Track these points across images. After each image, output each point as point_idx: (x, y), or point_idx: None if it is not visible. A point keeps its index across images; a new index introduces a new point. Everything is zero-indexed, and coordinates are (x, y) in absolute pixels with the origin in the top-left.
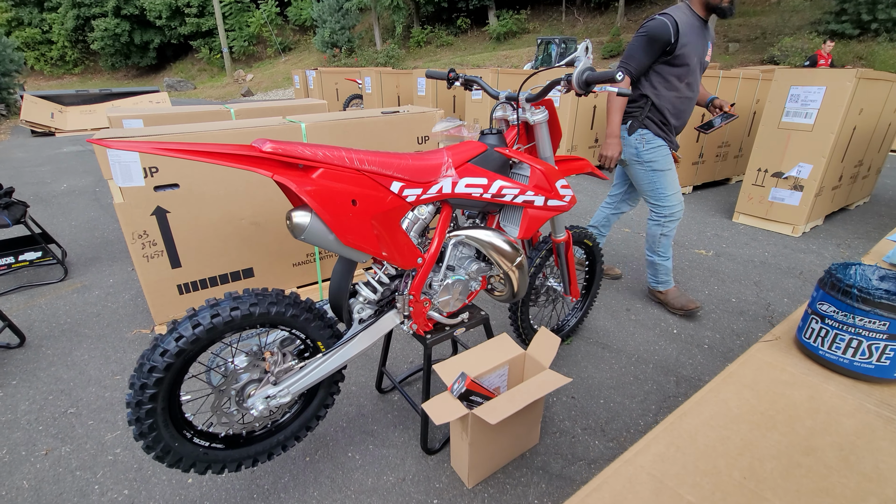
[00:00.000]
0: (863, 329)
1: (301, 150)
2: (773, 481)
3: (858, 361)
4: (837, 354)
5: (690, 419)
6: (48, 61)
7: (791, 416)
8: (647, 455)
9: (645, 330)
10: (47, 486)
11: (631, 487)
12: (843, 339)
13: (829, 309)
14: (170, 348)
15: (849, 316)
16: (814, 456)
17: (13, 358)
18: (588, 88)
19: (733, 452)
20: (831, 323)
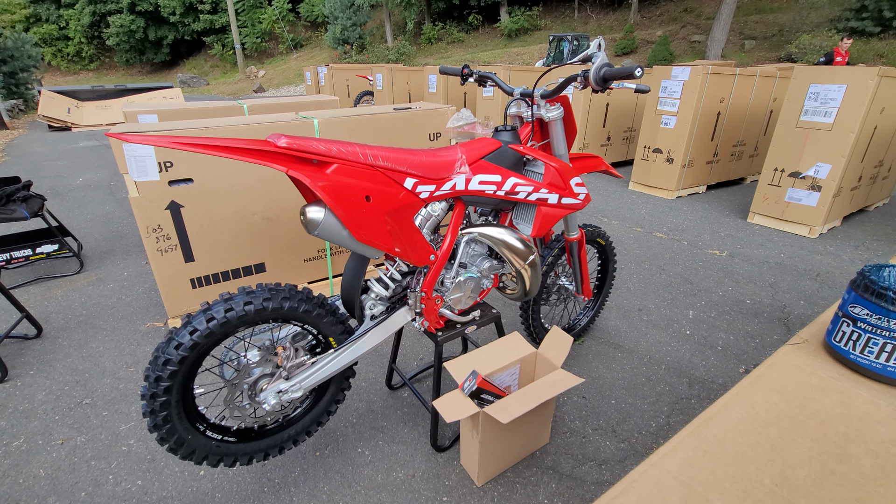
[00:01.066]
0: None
1: (315, 145)
2: (805, 489)
3: (893, 366)
4: (870, 359)
5: (718, 423)
6: (65, 57)
7: (822, 421)
8: (673, 459)
9: (657, 331)
10: (63, 475)
11: (658, 492)
12: (876, 343)
13: (862, 312)
14: (184, 342)
15: (883, 319)
16: (848, 463)
17: (31, 348)
18: (606, 85)
19: (763, 458)
20: (864, 326)
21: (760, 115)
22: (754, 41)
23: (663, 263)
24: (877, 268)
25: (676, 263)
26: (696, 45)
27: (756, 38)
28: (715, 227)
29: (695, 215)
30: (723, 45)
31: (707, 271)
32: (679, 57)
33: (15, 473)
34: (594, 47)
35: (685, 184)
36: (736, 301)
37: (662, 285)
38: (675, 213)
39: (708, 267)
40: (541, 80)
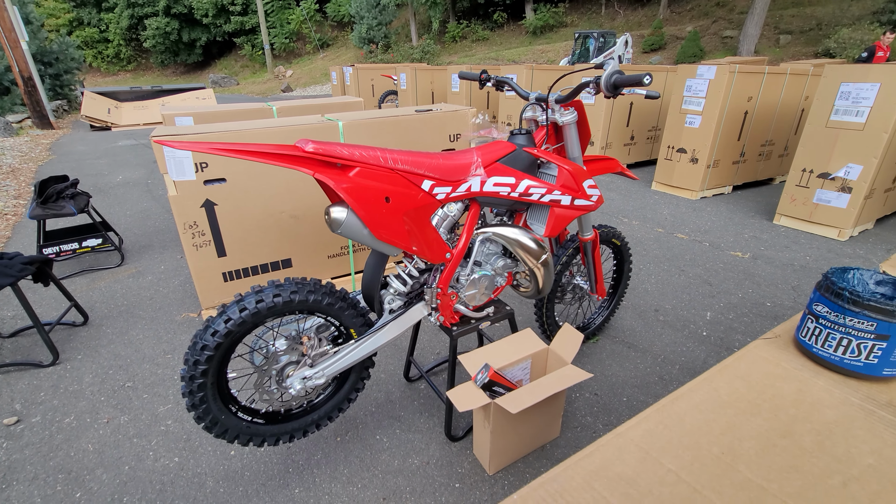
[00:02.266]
0: (852, 329)
1: (340, 150)
2: (748, 458)
3: (848, 359)
4: (829, 352)
5: (681, 403)
6: (105, 59)
7: (777, 405)
8: (637, 430)
9: (673, 331)
10: (109, 451)
11: (619, 455)
12: (834, 338)
13: (823, 309)
14: (219, 329)
15: (840, 316)
16: (791, 439)
17: (78, 335)
18: (616, 91)
19: (716, 432)
20: (824, 322)
21: (791, 114)
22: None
23: (683, 264)
24: (842, 270)
25: (696, 265)
26: (727, 40)
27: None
28: (739, 229)
29: (718, 216)
30: (756, 41)
31: (728, 273)
32: (709, 53)
33: (67, 447)
34: (621, 44)
35: (710, 184)
36: (756, 303)
37: (681, 286)
38: (699, 214)
39: (729, 269)
40: (557, 84)
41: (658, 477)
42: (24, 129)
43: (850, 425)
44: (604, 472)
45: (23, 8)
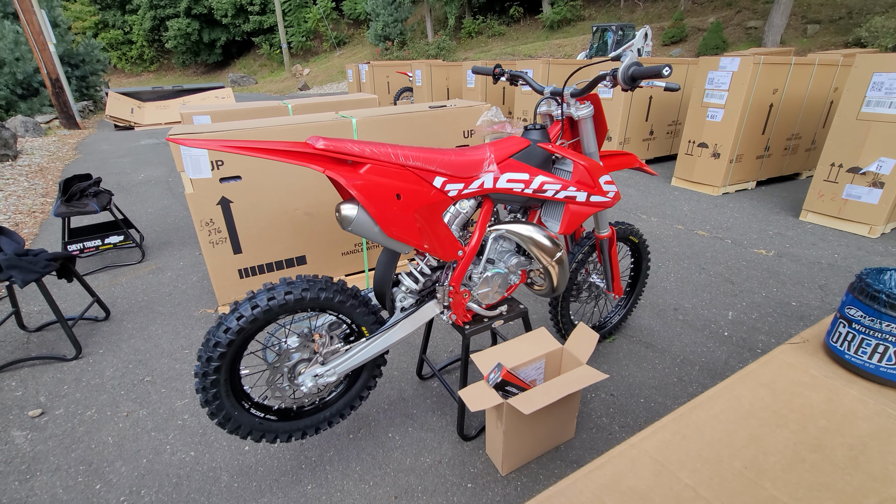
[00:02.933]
0: (889, 335)
1: (350, 147)
2: (773, 473)
3: (885, 367)
4: (863, 359)
5: (700, 412)
6: (129, 60)
7: (805, 415)
8: (652, 441)
9: (693, 331)
10: (128, 444)
11: (632, 468)
12: (869, 344)
13: (857, 313)
14: (232, 326)
15: (875, 321)
16: (821, 453)
17: (100, 329)
18: (634, 84)
19: (738, 445)
20: (858, 328)
21: (819, 107)
22: (818, 25)
23: (703, 262)
24: (877, 271)
25: (718, 262)
26: (752, 31)
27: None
28: (763, 226)
29: (741, 212)
30: (782, 31)
31: (751, 271)
32: (733, 45)
33: (88, 439)
34: (640, 37)
35: (732, 179)
36: (780, 303)
37: (701, 285)
38: (720, 211)
39: (752, 267)
40: (572, 77)
41: (674, 493)
42: (52, 129)
43: (887, 439)
44: (615, 486)
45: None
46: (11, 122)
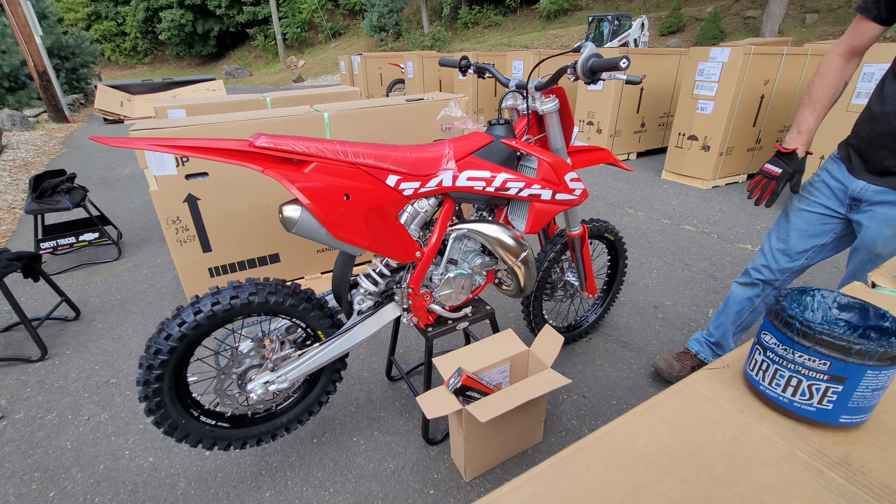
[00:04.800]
0: (802, 367)
1: (294, 144)
2: None
3: (798, 402)
4: (777, 391)
5: (585, 456)
6: (122, 52)
7: (702, 460)
8: (520, 495)
9: (672, 329)
10: (86, 448)
11: None
12: (783, 376)
13: (772, 340)
14: (173, 332)
15: (788, 350)
16: None
17: (69, 330)
18: (594, 76)
19: (617, 498)
20: (772, 356)
21: None
22: (817, 15)
23: (688, 258)
24: (799, 291)
25: (702, 258)
26: (750, 21)
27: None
28: (751, 220)
29: (730, 206)
30: (780, 21)
31: (735, 267)
32: (730, 34)
33: (46, 444)
34: (636, 27)
35: (722, 173)
36: None
37: (684, 281)
38: (709, 205)
39: (737, 263)
40: (535, 70)
41: None
42: (40, 123)
43: (787, 490)
44: None
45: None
46: None
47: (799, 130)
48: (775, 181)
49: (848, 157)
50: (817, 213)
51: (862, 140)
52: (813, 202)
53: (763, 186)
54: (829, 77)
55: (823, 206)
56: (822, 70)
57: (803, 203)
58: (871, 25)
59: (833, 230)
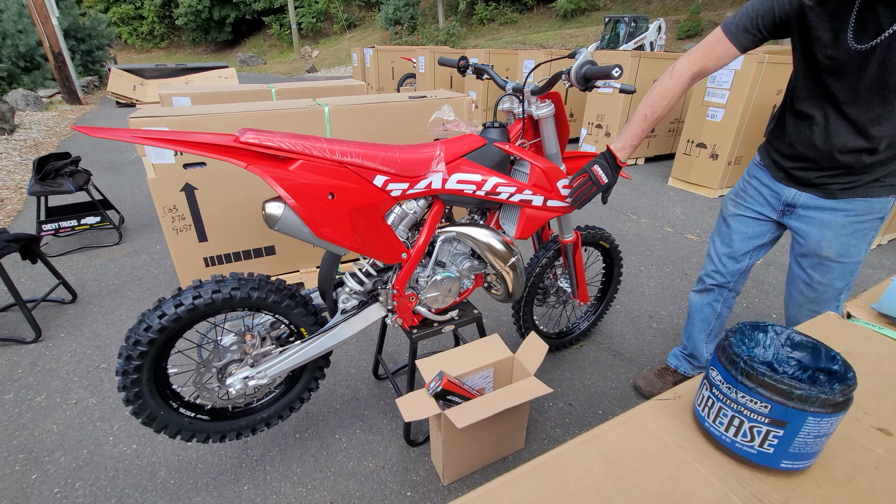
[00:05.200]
0: (745, 407)
1: (280, 140)
2: None
3: (740, 443)
4: (720, 430)
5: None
6: (139, 36)
7: (632, 499)
8: None
9: (665, 340)
10: (72, 433)
11: None
12: (726, 415)
13: (717, 377)
14: (153, 324)
15: (732, 389)
16: None
17: (65, 312)
18: (588, 84)
19: None
20: (717, 393)
21: None
22: None
23: (687, 268)
24: (752, 327)
25: None
26: None
27: None
28: None
29: None
30: None
31: None
32: None
33: (32, 427)
34: (653, 30)
35: (730, 182)
36: (761, 314)
37: (681, 291)
38: (714, 214)
39: None
40: (532, 73)
41: None
42: (53, 103)
43: None
44: None
45: None
46: (12, 95)
47: (632, 144)
48: (595, 188)
49: (772, 164)
50: (754, 218)
51: (780, 154)
52: (748, 208)
53: (586, 190)
54: (675, 94)
55: (757, 211)
56: (671, 86)
57: (739, 209)
58: (732, 51)
59: (769, 230)
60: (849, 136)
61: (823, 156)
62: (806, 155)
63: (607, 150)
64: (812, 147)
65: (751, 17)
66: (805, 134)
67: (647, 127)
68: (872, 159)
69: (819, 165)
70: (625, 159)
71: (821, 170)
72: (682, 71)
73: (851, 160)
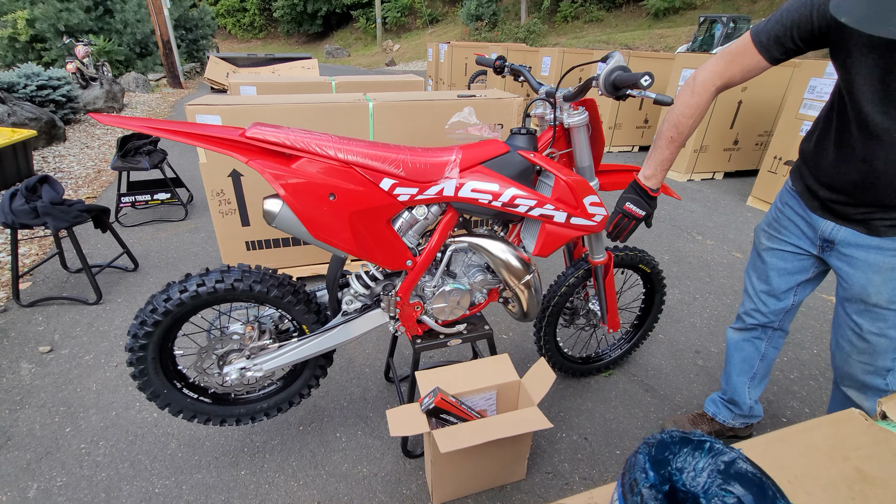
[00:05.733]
0: None
1: (285, 136)
2: None
3: None
4: None
5: None
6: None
7: None
8: None
9: (709, 381)
10: (107, 394)
11: None
12: None
13: (617, 500)
14: (158, 307)
15: None
16: None
17: (126, 280)
18: (618, 92)
19: None
20: None
21: None
22: None
23: None
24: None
25: None
26: None
27: None
28: None
29: None
30: None
31: (809, 321)
32: None
33: (77, 383)
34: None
35: None
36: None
37: None
38: None
39: (812, 315)
40: (566, 77)
41: None
42: (158, 86)
43: None
44: None
45: None
46: (125, 77)
47: (662, 170)
48: (634, 221)
49: (806, 191)
50: (791, 252)
51: (816, 181)
52: (783, 241)
53: (623, 226)
54: (700, 112)
55: (794, 245)
56: (693, 103)
57: (773, 242)
58: (762, 63)
59: (813, 265)
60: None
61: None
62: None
63: (635, 181)
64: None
65: (785, 27)
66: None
67: (676, 149)
68: None
69: (857, 200)
70: (655, 188)
71: (858, 205)
72: (705, 85)
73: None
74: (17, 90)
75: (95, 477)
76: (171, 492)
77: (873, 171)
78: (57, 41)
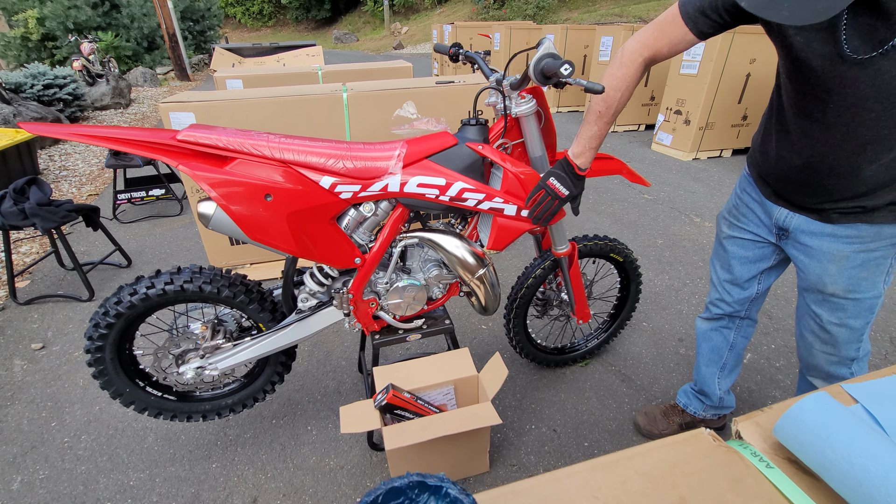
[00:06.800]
0: None
1: (218, 138)
2: None
3: None
4: None
5: None
6: (250, 15)
7: None
8: None
9: (691, 371)
10: (92, 389)
11: None
12: None
13: None
14: (110, 310)
15: None
16: None
17: (119, 276)
18: (548, 81)
19: None
20: None
21: None
22: None
23: None
24: (422, 487)
25: None
26: None
27: None
28: None
29: None
30: None
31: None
32: None
33: (65, 379)
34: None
35: None
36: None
37: None
38: None
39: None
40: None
41: None
42: (166, 80)
43: None
44: None
45: None
46: (133, 72)
47: (591, 147)
48: (558, 201)
49: (759, 178)
50: (750, 241)
51: (764, 170)
52: (742, 229)
53: (547, 205)
54: (630, 83)
55: (753, 233)
56: (621, 74)
57: (733, 230)
58: (689, 36)
59: (773, 252)
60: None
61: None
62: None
63: (564, 158)
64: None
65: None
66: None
67: (606, 124)
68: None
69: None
70: (585, 166)
71: (806, 192)
72: (632, 56)
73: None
74: (24, 90)
75: (75, 470)
76: (144, 484)
77: (815, 154)
78: (65, 39)
